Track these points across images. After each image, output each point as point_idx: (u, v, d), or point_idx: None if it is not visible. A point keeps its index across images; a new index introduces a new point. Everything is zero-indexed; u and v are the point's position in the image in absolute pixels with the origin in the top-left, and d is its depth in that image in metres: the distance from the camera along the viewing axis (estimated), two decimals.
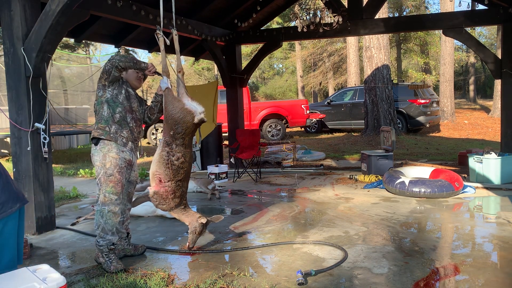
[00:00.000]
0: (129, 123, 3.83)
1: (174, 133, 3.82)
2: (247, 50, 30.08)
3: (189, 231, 4.05)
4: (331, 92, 27.03)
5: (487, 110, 20.98)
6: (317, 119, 16.16)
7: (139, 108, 3.97)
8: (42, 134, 4.75)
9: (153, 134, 14.91)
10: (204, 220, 4.02)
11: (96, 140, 3.76)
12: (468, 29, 8.81)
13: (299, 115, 15.22)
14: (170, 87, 3.94)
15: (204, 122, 3.94)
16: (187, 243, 4.08)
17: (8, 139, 12.22)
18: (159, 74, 3.98)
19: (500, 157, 6.46)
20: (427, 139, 13.23)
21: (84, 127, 13.69)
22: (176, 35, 4.02)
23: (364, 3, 8.11)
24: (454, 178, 6.05)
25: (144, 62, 3.90)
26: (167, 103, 3.86)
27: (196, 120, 3.84)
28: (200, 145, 8.97)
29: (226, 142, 9.79)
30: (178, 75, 4.04)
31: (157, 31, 3.88)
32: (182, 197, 4.01)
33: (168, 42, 3.92)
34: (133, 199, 4.06)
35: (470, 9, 7.89)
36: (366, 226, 4.75)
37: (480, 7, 9.37)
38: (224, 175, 7.87)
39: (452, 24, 7.43)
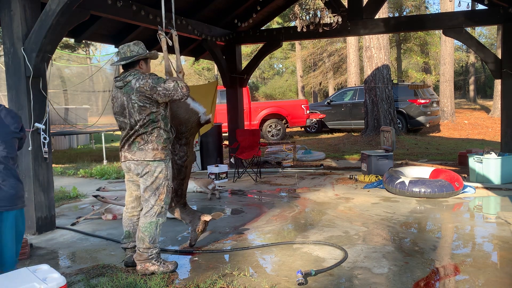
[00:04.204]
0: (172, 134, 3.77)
1: (178, 133, 3.84)
2: (247, 50, 30.07)
3: (191, 229, 4.07)
4: (331, 92, 27.03)
5: (487, 110, 20.98)
6: (317, 119, 16.16)
7: None
8: (42, 134, 4.75)
9: None
10: (206, 218, 4.04)
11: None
12: (468, 29, 8.81)
13: (299, 115, 15.22)
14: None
15: (210, 122, 3.96)
16: (189, 241, 4.10)
17: None
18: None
19: (500, 157, 6.46)
20: (427, 139, 13.23)
21: (84, 127, 13.68)
22: (176, 35, 4.02)
23: (364, 3, 8.11)
24: (454, 178, 6.05)
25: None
26: (171, 104, 3.87)
27: (202, 121, 3.87)
28: (199, 145, 8.96)
29: (226, 142, 9.79)
30: (178, 75, 4.04)
31: (159, 32, 3.88)
32: (182, 196, 4.04)
33: (170, 42, 3.92)
34: None
35: (470, 9, 7.89)
36: (366, 226, 4.74)
37: (480, 7, 9.37)
38: (224, 175, 7.87)
39: (452, 24, 7.42)
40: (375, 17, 8.15)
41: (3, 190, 2.96)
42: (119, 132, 4.34)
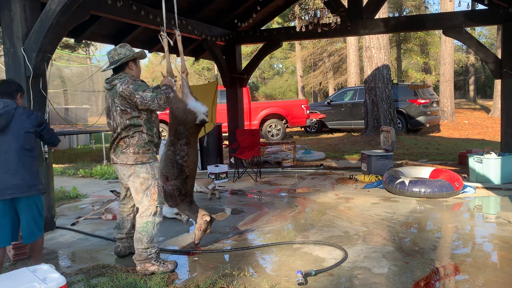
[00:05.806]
0: (157, 135, 3.78)
1: (177, 133, 3.88)
2: (247, 50, 30.06)
3: (195, 227, 4.14)
4: (331, 92, 27.02)
5: (487, 110, 20.98)
6: (317, 119, 16.16)
7: None
8: None
9: None
10: (207, 218, 4.09)
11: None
12: (468, 29, 8.81)
13: (299, 115, 15.22)
14: (174, 87, 3.94)
15: (206, 122, 3.97)
16: (194, 240, 4.15)
17: None
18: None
19: (500, 157, 6.46)
20: (427, 139, 13.23)
21: (84, 127, 13.69)
22: (179, 35, 4.02)
23: (364, 3, 8.11)
24: (454, 178, 6.05)
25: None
26: (170, 104, 3.88)
27: (197, 121, 3.88)
28: (198, 145, 8.95)
29: (226, 142, 9.78)
30: (182, 75, 4.06)
31: (161, 32, 3.88)
32: (187, 195, 4.10)
33: (171, 43, 3.92)
34: None
35: (470, 9, 7.89)
36: (366, 226, 4.75)
37: (480, 7, 9.37)
38: (224, 175, 7.87)
39: (452, 24, 7.43)
40: (375, 17, 8.14)
41: (11, 179, 3.27)
42: None
